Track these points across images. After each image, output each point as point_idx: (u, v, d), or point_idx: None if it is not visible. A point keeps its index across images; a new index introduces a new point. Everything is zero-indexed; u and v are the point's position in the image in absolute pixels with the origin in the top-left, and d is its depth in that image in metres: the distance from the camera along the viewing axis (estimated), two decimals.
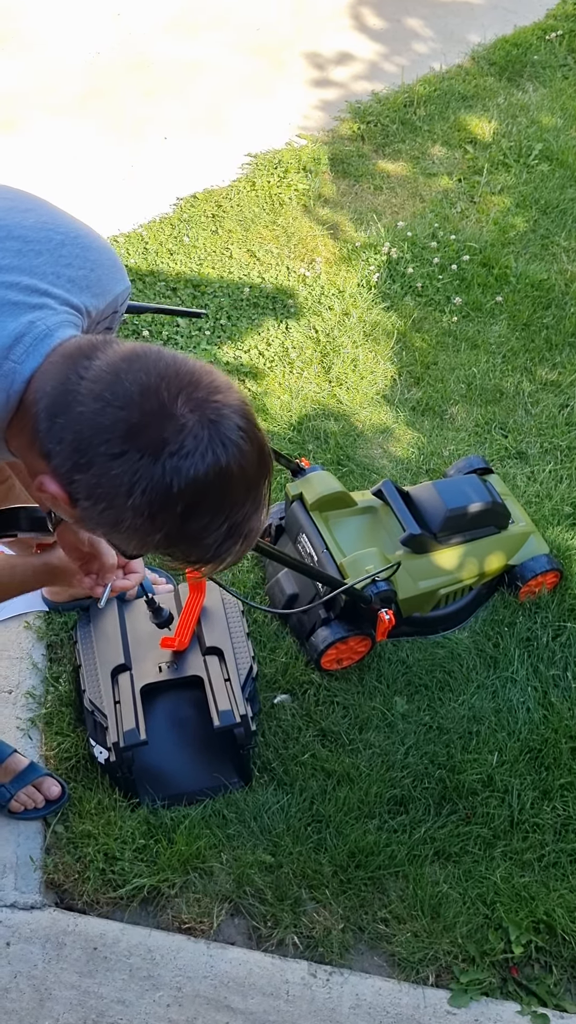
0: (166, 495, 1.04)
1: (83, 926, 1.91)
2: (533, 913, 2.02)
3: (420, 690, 2.37)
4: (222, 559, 1.14)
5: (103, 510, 1.07)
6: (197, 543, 1.11)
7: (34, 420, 1.11)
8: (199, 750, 2.16)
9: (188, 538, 1.10)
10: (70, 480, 1.08)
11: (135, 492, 1.04)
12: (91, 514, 1.09)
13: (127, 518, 1.07)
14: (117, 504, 1.06)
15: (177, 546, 1.12)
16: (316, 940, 1.97)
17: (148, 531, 1.08)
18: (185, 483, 1.04)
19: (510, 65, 4.57)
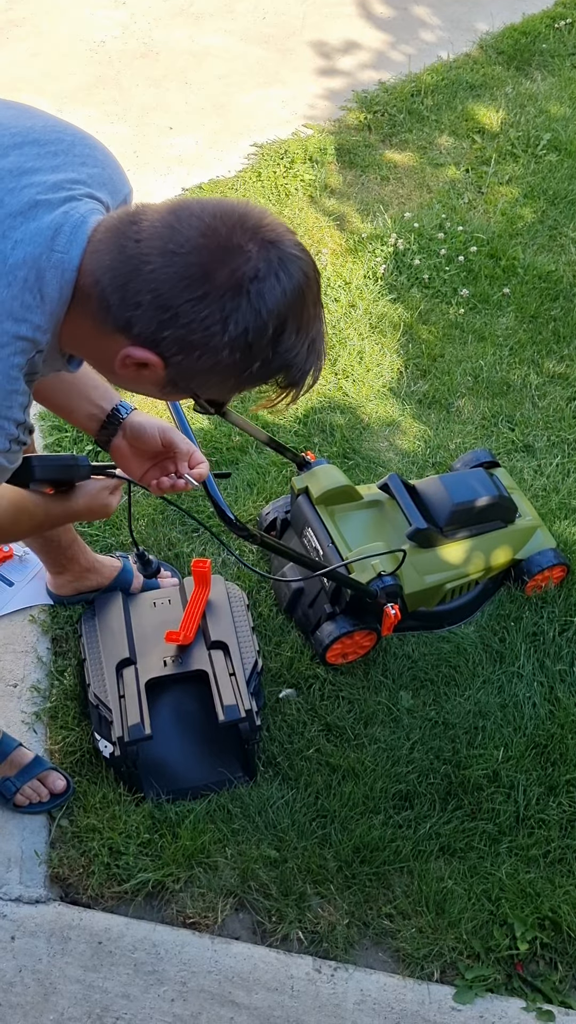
0: (257, 321, 1.10)
1: (88, 920, 1.91)
2: (538, 910, 2.01)
3: (426, 685, 2.36)
4: (308, 379, 1.22)
5: (199, 356, 1.12)
6: (290, 365, 1.17)
7: (98, 300, 1.14)
8: (204, 745, 2.16)
9: (281, 360, 1.16)
10: (157, 340, 1.12)
11: (229, 327, 1.09)
12: (186, 366, 1.14)
13: (224, 357, 1.12)
14: (213, 344, 1.11)
15: (272, 373, 1.17)
16: (321, 935, 1.96)
17: (246, 364, 1.14)
18: (272, 305, 1.11)
19: (518, 54, 4.54)
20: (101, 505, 1.73)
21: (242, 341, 1.11)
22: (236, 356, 1.12)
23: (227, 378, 1.17)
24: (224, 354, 1.12)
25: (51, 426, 2.75)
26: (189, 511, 2.28)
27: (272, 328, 1.12)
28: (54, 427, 2.75)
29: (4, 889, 1.93)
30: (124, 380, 1.24)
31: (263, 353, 1.13)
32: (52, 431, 2.74)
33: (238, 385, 1.20)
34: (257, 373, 1.17)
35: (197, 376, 1.16)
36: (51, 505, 1.66)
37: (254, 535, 1.90)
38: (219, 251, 1.09)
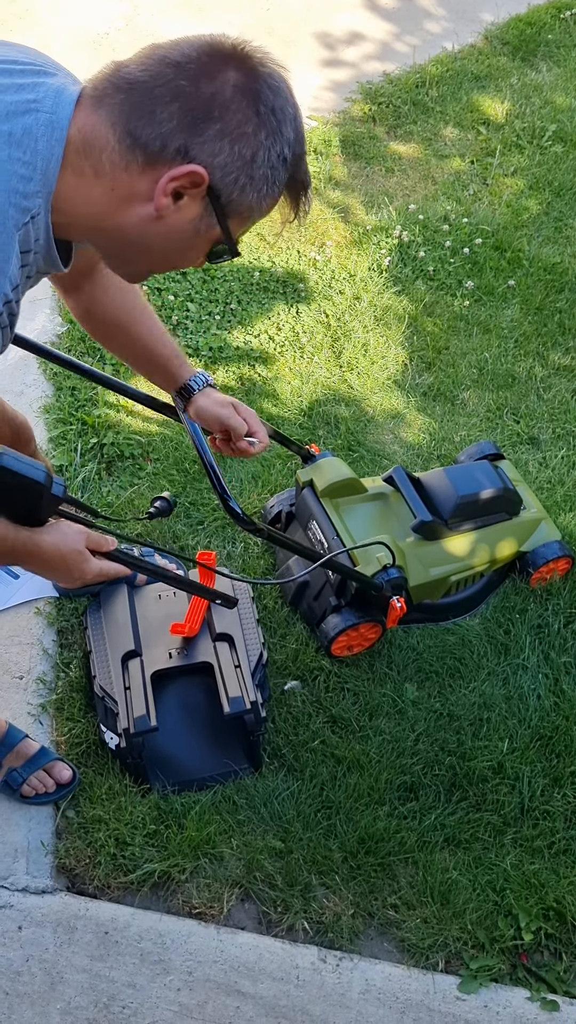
0: (278, 98, 1.14)
1: (94, 910, 1.92)
2: (543, 900, 2.02)
3: (431, 677, 2.37)
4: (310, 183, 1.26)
5: (241, 148, 1.13)
6: (302, 158, 1.21)
7: (122, 138, 1.12)
8: (209, 736, 2.17)
9: (299, 151, 1.20)
10: (195, 148, 1.12)
11: (259, 104, 1.12)
12: (228, 165, 1.13)
13: (262, 139, 1.14)
14: (249, 128, 1.12)
15: (296, 164, 1.20)
16: (326, 925, 1.97)
17: (279, 149, 1.16)
18: (280, 85, 1.15)
19: (524, 45, 4.52)
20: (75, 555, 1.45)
21: (272, 120, 1.14)
22: (271, 139, 1.14)
23: (266, 169, 1.16)
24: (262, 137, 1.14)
25: (56, 419, 2.75)
26: None
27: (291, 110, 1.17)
28: (59, 420, 2.75)
29: (11, 879, 1.94)
30: (139, 236, 1.20)
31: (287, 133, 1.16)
32: (57, 424, 2.74)
33: (273, 178, 1.18)
34: (289, 160, 1.18)
35: (242, 178, 1.15)
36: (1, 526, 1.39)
37: (260, 528, 1.91)
38: (220, 53, 1.12)
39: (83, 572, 1.47)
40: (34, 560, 1.44)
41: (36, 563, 1.45)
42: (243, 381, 2.99)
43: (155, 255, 1.26)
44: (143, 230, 1.19)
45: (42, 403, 2.79)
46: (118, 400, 2.84)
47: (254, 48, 1.15)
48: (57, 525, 1.45)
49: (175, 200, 1.15)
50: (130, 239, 1.21)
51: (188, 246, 1.23)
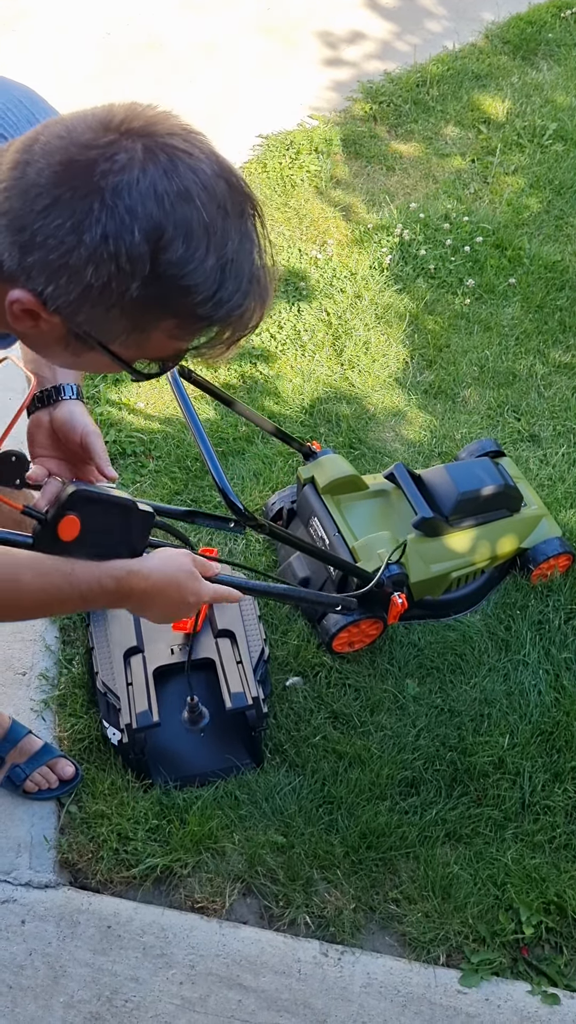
0: (117, 224, 0.88)
1: (97, 905, 1.93)
2: (544, 894, 2.02)
3: (432, 673, 2.38)
4: (235, 312, 0.96)
5: (67, 281, 0.90)
6: (190, 288, 0.92)
7: None
8: (211, 732, 2.18)
9: (173, 281, 0.91)
10: (28, 274, 0.91)
11: (84, 237, 0.88)
12: (62, 300, 0.92)
13: (90, 277, 0.89)
14: (74, 262, 0.89)
15: (172, 300, 0.93)
16: (328, 920, 1.98)
17: (121, 284, 0.90)
18: (134, 203, 0.87)
19: (524, 43, 4.53)
20: (187, 575, 1.30)
21: (104, 251, 0.88)
22: (104, 274, 0.89)
23: (110, 309, 0.92)
24: (89, 273, 0.89)
25: None
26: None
27: (141, 233, 0.88)
28: None
29: (14, 874, 1.95)
30: (34, 342, 1.03)
31: (140, 268, 0.89)
32: None
33: (133, 320, 0.94)
34: (146, 299, 0.92)
35: (81, 312, 0.93)
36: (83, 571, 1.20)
37: (262, 524, 1.92)
38: (78, 151, 0.89)
39: (199, 593, 1.32)
40: (138, 594, 1.26)
41: (139, 598, 1.27)
42: (245, 379, 3.00)
43: (59, 361, 1.08)
44: (29, 333, 1.00)
45: None
46: (120, 398, 2.85)
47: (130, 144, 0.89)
48: (158, 551, 1.33)
49: (33, 320, 0.96)
50: (25, 340, 1.05)
51: (81, 362, 1.04)
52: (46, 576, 1.18)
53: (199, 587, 1.32)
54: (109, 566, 1.22)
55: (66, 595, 1.20)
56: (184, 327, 0.96)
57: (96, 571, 1.21)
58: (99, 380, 2.88)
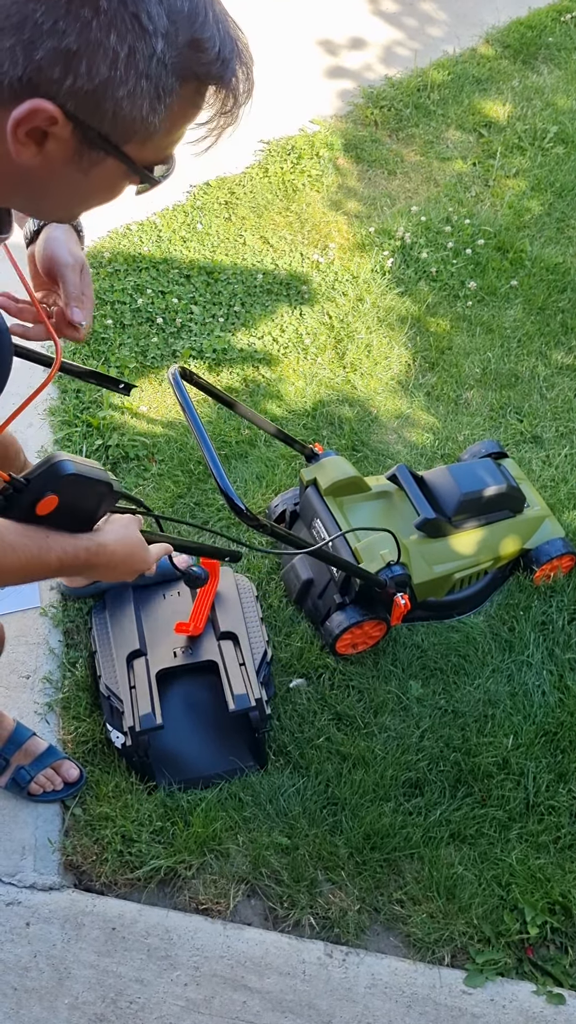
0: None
1: (101, 907, 1.93)
2: (549, 895, 2.02)
3: (435, 674, 2.38)
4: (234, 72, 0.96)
5: (89, 65, 0.86)
6: (202, 43, 0.92)
7: None
8: (214, 734, 2.18)
9: (191, 35, 0.91)
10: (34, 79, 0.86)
11: (99, 2, 0.84)
12: (82, 91, 0.88)
13: (116, 44, 0.86)
14: (94, 35, 0.85)
15: (189, 59, 0.91)
16: (332, 921, 1.98)
17: (149, 46, 0.88)
18: None
19: (525, 47, 4.54)
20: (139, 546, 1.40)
21: (123, 13, 0.85)
22: (128, 38, 0.86)
23: (138, 80, 0.89)
24: (112, 41, 0.86)
25: (61, 421, 2.77)
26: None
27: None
28: (64, 422, 2.77)
29: (19, 876, 1.95)
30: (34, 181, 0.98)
31: (159, 23, 0.87)
32: (62, 426, 2.76)
33: (157, 89, 0.91)
34: (169, 59, 0.90)
35: (105, 102, 0.89)
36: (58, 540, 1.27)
37: (264, 524, 1.92)
38: None
39: (146, 561, 1.44)
40: (102, 563, 1.35)
41: (103, 567, 1.36)
42: (247, 383, 3.01)
43: (61, 203, 1.05)
44: (26, 180, 0.97)
45: (47, 405, 2.81)
46: (123, 402, 2.86)
47: None
48: (111, 521, 1.39)
49: (39, 144, 0.91)
50: (22, 191, 1.01)
51: (92, 185, 1.01)
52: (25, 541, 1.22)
53: (147, 556, 1.43)
54: (80, 539, 1.30)
55: (42, 562, 1.25)
56: (200, 91, 0.96)
57: (70, 543, 1.28)
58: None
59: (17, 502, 1.22)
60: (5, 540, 1.20)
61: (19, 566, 1.23)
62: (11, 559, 1.21)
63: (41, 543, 1.25)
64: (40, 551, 1.24)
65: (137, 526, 1.44)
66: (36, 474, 1.24)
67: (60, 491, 1.23)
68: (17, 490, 1.21)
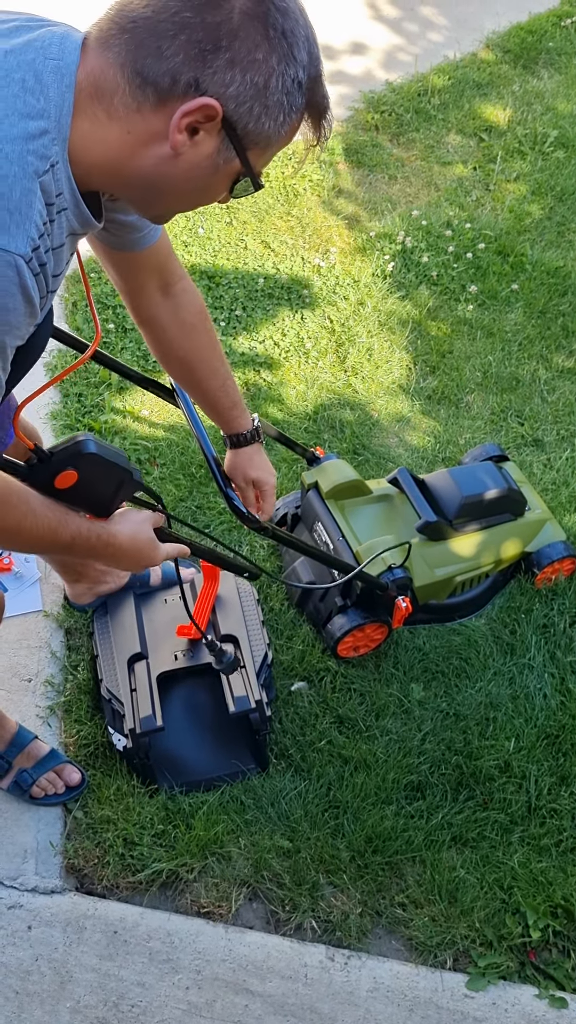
0: (286, 17, 1.10)
1: (103, 910, 1.93)
2: (551, 898, 2.02)
3: (437, 677, 2.38)
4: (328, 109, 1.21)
5: (253, 75, 1.09)
6: (318, 80, 1.17)
7: (131, 78, 1.09)
8: (216, 737, 2.18)
9: (315, 74, 1.16)
10: (206, 80, 1.08)
11: (268, 27, 1.08)
12: (241, 95, 1.09)
13: (272, 69, 1.10)
14: (259, 55, 1.08)
15: (312, 89, 1.16)
16: (334, 924, 1.98)
17: (293, 73, 1.12)
18: (291, 4, 1.11)
19: (525, 52, 4.55)
20: (149, 543, 1.50)
21: (283, 43, 1.10)
22: (283, 64, 1.11)
23: (280, 98, 1.12)
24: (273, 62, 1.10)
25: (63, 425, 2.78)
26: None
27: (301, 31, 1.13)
28: (66, 426, 2.78)
29: (20, 880, 1.95)
30: (158, 177, 1.17)
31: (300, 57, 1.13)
32: (64, 430, 2.76)
33: (287, 106, 1.14)
34: (304, 85, 1.14)
35: (255, 108, 1.11)
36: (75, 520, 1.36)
37: (266, 528, 1.92)
38: None
39: (154, 559, 1.52)
40: (110, 553, 1.45)
41: (110, 556, 1.46)
42: (249, 386, 3.02)
43: (178, 195, 1.22)
44: (162, 170, 1.15)
45: (49, 409, 2.82)
46: (124, 406, 2.86)
47: None
48: (126, 515, 1.48)
49: (191, 136, 1.11)
50: (151, 181, 1.18)
51: (209, 182, 1.19)
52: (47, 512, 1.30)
53: (155, 555, 1.51)
54: (95, 525, 1.39)
55: (56, 536, 1.33)
56: (308, 118, 1.19)
57: (86, 526, 1.37)
58: (103, 388, 2.89)
59: (39, 472, 1.28)
60: (30, 504, 1.28)
61: (36, 533, 1.30)
62: (30, 523, 1.28)
63: (61, 518, 1.32)
64: (58, 524, 1.32)
65: (151, 524, 1.50)
66: (60, 448, 1.30)
67: (79, 468, 1.28)
68: (41, 460, 1.28)
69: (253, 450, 1.90)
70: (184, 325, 1.69)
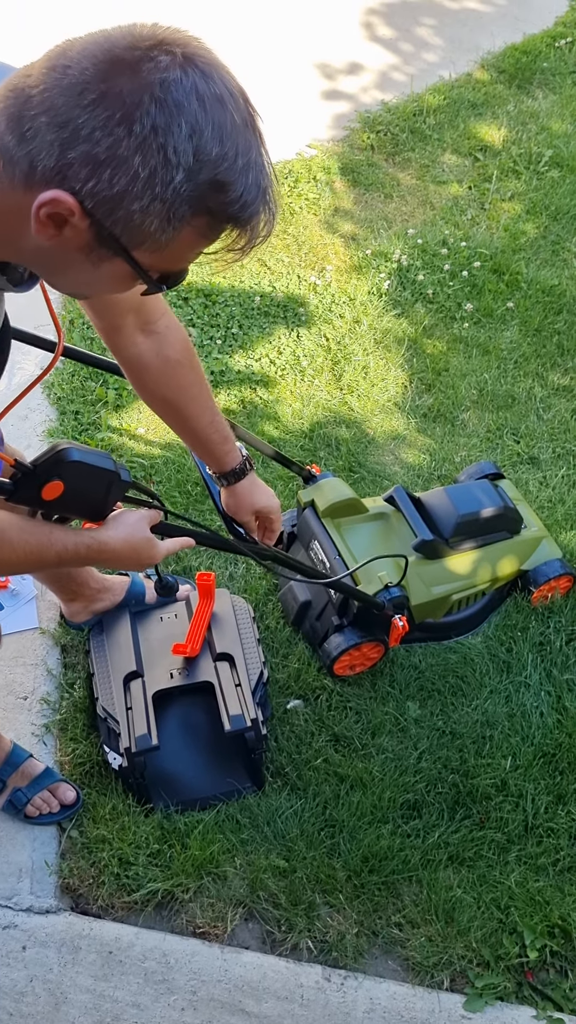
0: (166, 116, 0.92)
1: (98, 930, 1.92)
2: (548, 918, 2.01)
3: (433, 695, 2.37)
4: (255, 216, 1.02)
5: (112, 174, 0.93)
6: (223, 183, 0.98)
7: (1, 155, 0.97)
8: (211, 755, 2.17)
9: (210, 173, 0.96)
10: (65, 172, 0.94)
11: (134, 127, 0.92)
12: (102, 196, 0.94)
13: (137, 166, 0.93)
14: (122, 152, 0.92)
15: (204, 193, 0.97)
16: (330, 944, 1.97)
17: (167, 174, 0.94)
18: (181, 98, 0.93)
19: (520, 72, 4.59)
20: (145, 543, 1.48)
21: (153, 142, 0.92)
22: (151, 164, 0.93)
23: (152, 201, 0.95)
24: (137, 162, 0.92)
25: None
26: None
27: (187, 127, 0.93)
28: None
29: (15, 899, 1.94)
30: (50, 259, 1.05)
31: (184, 159, 0.94)
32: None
33: (168, 215, 0.97)
34: (186, 191, 0.96)
35: (119, 209, 0.95)
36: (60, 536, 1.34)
37: (264, 550, 1.92)
38: (122, 51, 0.93)
39: (153, 558, 1.51)
40: (104, 559, 1.45)
41: (106, 562, 1.46)
42: (245, 404, 3.02)
43: (71, 281, 1.10)
44: (43, 255, 1.04)
45: (46, 427, 2.82)
46: (121, 424, 2.87)
47: (170, 49, 0.94)
48: (121, 517, 1.46)
49: (57, 227, 0.98)
50: (43, 262, 1.07)
51: (96, 276, 1.06)
52: (30, 535, 1.31)
53: (154, 553, 1.50)
54: (83, 535, 1.38)
55: (45, 555, 1.34)
56: (212, 227, 1.01)
57: (72, 538, 1.37)
58: (100, 406, 2.90)
59: (24, 487, 1.28)
60: (6, 536, 1.28)
61: (19, 561, 1.32)
62: (8, 554, 1.29)
63: (42, 540, 1.32)
64: (40, 547, 1.32)
65: (147, 523, 1.49)
66: (42, 460, 1.29)
67: (65, 477, 1.28)
68: (25, 474, 1.27)
69: (251, 480, 1.85)
70: (169, 363, 1.62)
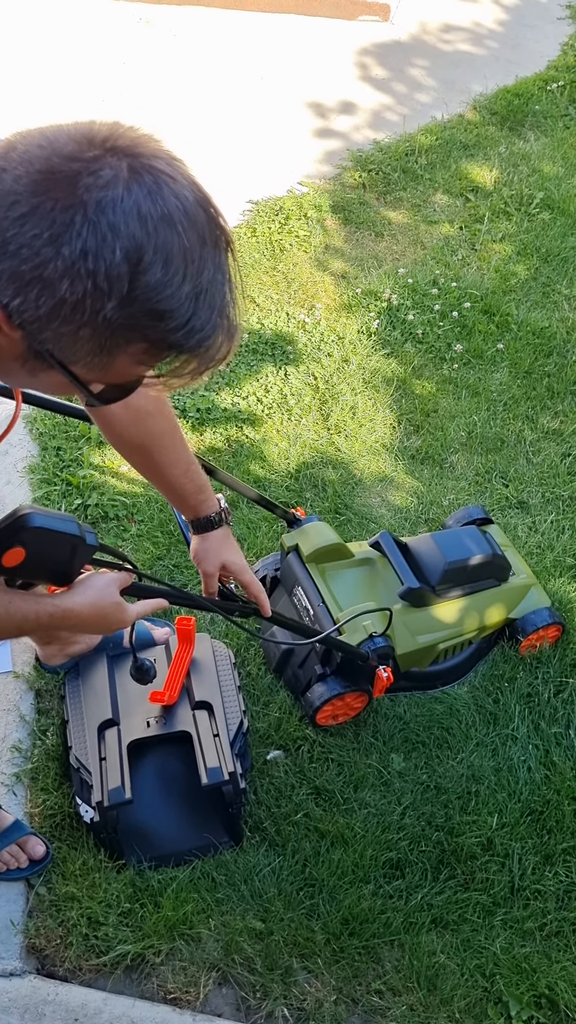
0: (99, 241, 0.85)
1: (64, 995, 1.83)
2: (535, 986, 1.93)
3: (417, 747, 2.31)
4: (205, 343, 0.94)
5: (38, 295, 0.87)
6: (163, 312, 0.89)
7: None
8: (188, 809, 2.10)
9: (149, 303, 0.88)
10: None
11: (62, 249, 0.85)
12: (29, 314, 0.88)
13: (65, 291, 0.86)
14: (48, 275, 0.86)
15: (143, 324, 0.90)
16: (307, 1012, 1.88)
17: (96, 302, 0.87)
18: (118, 220, 0.85)
19: (511, 114, 4.61)
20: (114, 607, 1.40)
21: (82, 267, 0.85)
22: (79, 290, 0.86)
23: (81, 328, 0.89)
24: (63, 288, 0.86)
25: (40, 479, 2.72)
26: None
27: (122, 252, 0.86)
28: (44, 480, 2.72)
29: None
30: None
31: (117, 287, 0.86)
32: (41, 484, 2.71)
33: (102, 341, 0.91)
34: (119, 321, 0.89)
35: (47, 329, 0.89)
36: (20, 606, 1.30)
37: (247, 605, 1.84)
38: (61, 162, 0.86)
39: (123, 622, 1.45)
40: (69, 625, 1.39)
41: (72, 627, 1.41)
42: (231, 443, 2.97)
43: (14, 381, 1.04)
44: None
45: (27, 463, 2.76)
46: (103, 461, 2.81)
47: (116, 161, 0.87)
48: (88, 581, 1.40)
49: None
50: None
51: (37, 383, 1.01)
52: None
53: (123, 617, 1.44)
54: (44, 603, 1.33)
55: (4, 627, 1.31)
56: (152, 353, 0.94)
57: (34, 606, 1.32)
58: (83, 443, 2.84)
59: None
60: None
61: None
62: None
63: (4, 603, 1.28)
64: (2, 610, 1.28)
65: (116, 587, 1.42)
66: (2, 526, 1.24)
67: (26, 543, 1.23)
68: None
69: (223, 534, 1.77)
70: (139, 411, 1.55)
